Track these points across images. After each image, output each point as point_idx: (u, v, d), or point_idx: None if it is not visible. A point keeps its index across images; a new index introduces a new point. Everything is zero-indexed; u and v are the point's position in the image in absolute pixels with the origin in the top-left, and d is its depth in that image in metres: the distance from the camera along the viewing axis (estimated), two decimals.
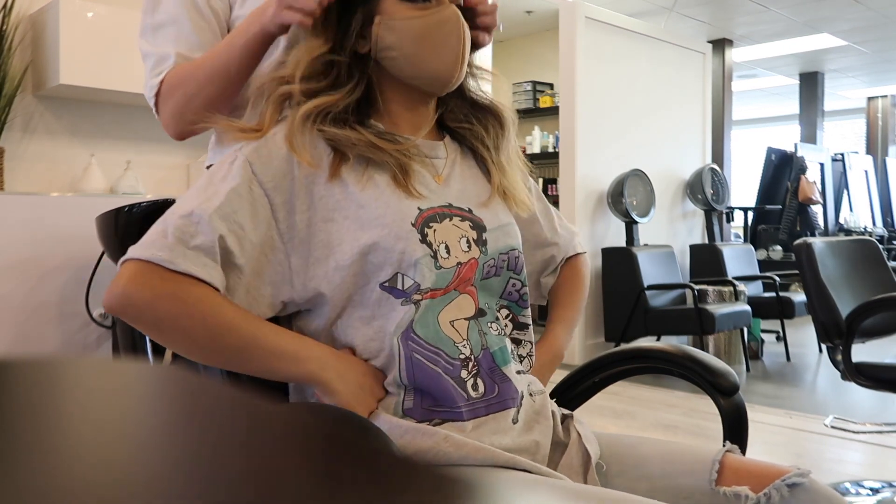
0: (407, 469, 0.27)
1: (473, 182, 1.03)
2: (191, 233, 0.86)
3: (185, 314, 0.85)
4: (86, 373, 0.38)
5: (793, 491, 0.84)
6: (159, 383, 0.37)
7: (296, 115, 0.94)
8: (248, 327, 0.87)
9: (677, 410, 3.42)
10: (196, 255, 0.86)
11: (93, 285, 2.98)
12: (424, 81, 0.99)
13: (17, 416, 0.30)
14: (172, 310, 0.85)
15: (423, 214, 0.93)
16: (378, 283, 0.91)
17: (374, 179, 0.94)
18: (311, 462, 0.28)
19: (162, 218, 0.90)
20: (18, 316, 2.93)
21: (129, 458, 0.26)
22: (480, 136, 1.05)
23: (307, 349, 0.90)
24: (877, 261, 2.43)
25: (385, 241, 0.90)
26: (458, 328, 0.93)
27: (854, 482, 2.44)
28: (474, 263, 0.95)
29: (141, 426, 0.30)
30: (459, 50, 0.98)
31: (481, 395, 0.91)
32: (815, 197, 6.89)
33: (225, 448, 0.29)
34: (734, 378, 1.07)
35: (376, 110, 1.01)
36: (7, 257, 2.89)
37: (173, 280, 0.85)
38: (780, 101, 9.65)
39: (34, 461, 0.24)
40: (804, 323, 4.72)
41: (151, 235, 0.88)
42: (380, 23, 0.97)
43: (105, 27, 3.17)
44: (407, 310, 0.90)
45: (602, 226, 4.76)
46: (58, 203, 3.05)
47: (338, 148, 0.94)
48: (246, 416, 0.32)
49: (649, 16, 5.82)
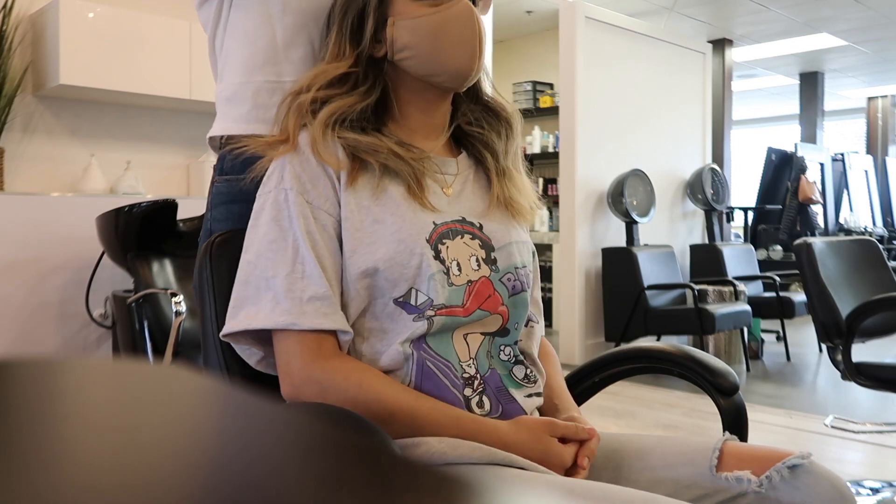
0: (407, 469, 0.27)
1: (482, 197, 1.03)
2: (300, 287, 0.89)
3: (352, 405, 0.86)
4: (86, 373, 0.38)
5: (794, 473, 0.84)
6: (159, 384, 0.37)
7: (315, 123, 0.95)
8: (403, 414, 0.87)
9: (677, 410, 3.42)
10: (314, 307, 0.88)
11: (93, 285, 2.98)
12: (444, 78, 0.99)
13: (17, 416, 0.30)
14: (340, 399, 0.87)
15: (438, 230, 0.94)
16: (392, 298, 0.91)
17: (388, 191, 0.94)
18: (312, 462, 0.28)
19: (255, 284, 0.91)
20: (18, 316, 2.93)
21: (129, 459, 0.26)
22: (491, 143, 1.06)
23: (478, 433, 0.87)
24: (877, 261, 2.43)
25: (400, 256, 0.90)
26: (470, 343, 0.93)
27: (854, 482, 2.43)
28: (485, 281, 0.95)
29: (141, 427, 0.30)
30: (476, 43, 0.98)
31: (486, 412, 0.91)
32: (815, 197, 6.89)
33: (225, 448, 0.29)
34: (734, 378, 1.07)
35: (392, 117, 1.01)
36: (7, 257, 2.89)
37: (330, 367, 0.88)
38: (780, 101, 9.64)
39: (34, 461, 0.24)
40: (804, 323, 4.72)
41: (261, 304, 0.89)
42: (393, 24, 0.97)
43: (105, 27, 3.17)
44: (419, 325, 0.90)
45: (602, 226, 4.76)
46: (58, 203, 3.05)
47: (357, 155, 0.95)
48: (246, 417, 0.32)
49: (649, 16, 5.82)
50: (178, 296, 2.47)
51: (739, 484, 0.86)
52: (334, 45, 1.00)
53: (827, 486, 0.83)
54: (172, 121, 3.66)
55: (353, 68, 0.98)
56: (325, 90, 0.97)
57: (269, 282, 0.90)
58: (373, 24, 0.98)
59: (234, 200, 1.12)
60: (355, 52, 0.99)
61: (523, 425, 0.89)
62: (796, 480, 0.84)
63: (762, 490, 0.84)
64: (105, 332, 3.09)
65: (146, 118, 3.60)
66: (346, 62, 0.98)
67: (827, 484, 0.83)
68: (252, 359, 0.96)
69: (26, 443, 0.26)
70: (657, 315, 4.29)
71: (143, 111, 3.57)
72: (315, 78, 0.98)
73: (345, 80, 0.98)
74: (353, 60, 0.98)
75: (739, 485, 0.86)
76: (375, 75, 0.99)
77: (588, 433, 0.91)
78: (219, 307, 0.99)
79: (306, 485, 0.25)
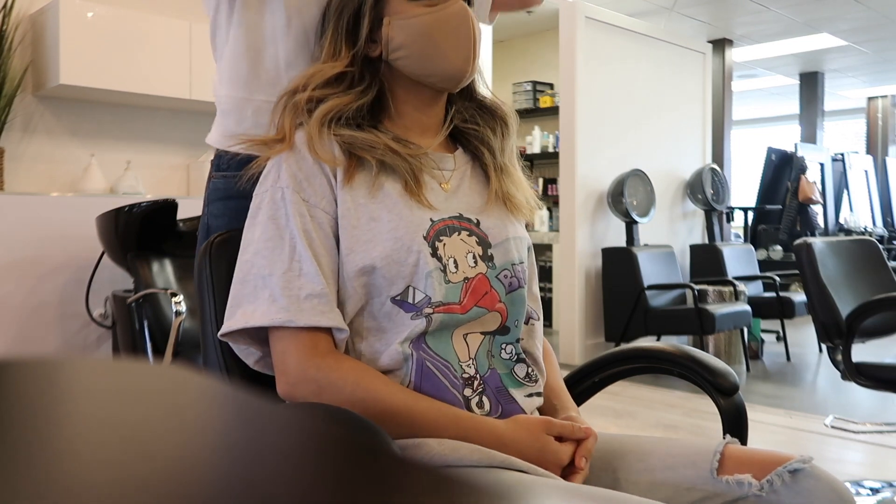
0: (407, 469, 0.27)
1: (480, 193, 1.03)
2: (297, 285, 0.88)
3: (349, 404, 0.86)
4: (86, 373, 0.38)
5: (795, 477, 0.84)
6: (159, 383, 0.37)
7: (311, 121, 0.95)
8: (402, 414, 0.87)
9: (677, 410, 3.42)
10: (311, 304, 0.88)
11: (93, 285, 2.98)
12: (438, 78, 0.99)
13: (17, 416, 0.30)
14: (336, 398, 0.87)
15: (435, 227, 0.94)
16: (389, 296, 0.91)
17: (384, 188, 0.94)
18: (312, 462, 0.28)
19: (253, 283, 0.90)
20: (18, 316, 2.93)
21: (129, 459, 0.26)
22: (487, 139, 1.06)
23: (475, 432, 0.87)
24: (877, 261, 2.43)
25: (397, 253, 0.90)
26: (470, 343, 0.93)
27: (854, 482, 2.44)
28: (482, 278, 0.95)
29: (141, 427, 0.30)
30: (471, 44, 0.98)
31: (486, 412, 0.91)
32: (815, 197, 6.89)
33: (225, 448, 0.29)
34: (734, 378, 1.07)
35: (388, 115, 1.01)
36: (7, 257, 2.89)
37: (326, 366, 0.87)
38: (780, 101, 9.64)
39: (34, 461, 0.24)
40: (804, 323, 4.72)
41: (258, 302, 0.89)
42: (389, 23, 0.97)
43: (105, 27, 3.17)
44: (417, 323, 0.90)
45: (602, 226, 4.76)
46: (58, 203, 3.05)
47: (353, 152, 0.95)
48: (246, 417, 0.32)
49: (649, 16, 5.82)
50: (178, 296, 2.47)
51: (740, 487, 0.86)
52: (329, 46, 1.00)
53: (828, 490, 0.83)
54: (172, 121, 3.66)
55: (349, 68, 0.98)
56: (320, 90, 0.97)
57: (266, 280, 0.90)
58: (368, 24, 0.98)
59: (230, 196, 1.12)
60: (351, 52, 0.98)
61: (520, 424, 0.89)
62: (797, 485, 0.83)
63: (763, 494, 0.84)
64: (105, 332, 3.09)
65: (146, 118, 3.60)
66: (342, 62, 0.98)
67: (828, 488, 0.83)
68: (250, 359, 0.95)
69: (26, 442, 0.26)
70: (657, 315, 4.29)
71: (143, 111, 3.57)
72: (311, 78, 0.98)
73: (341, 79, 0.98)
74: (348, 60, 0.98)
75: (740, 488, 0.86)
76: (371, 75, 0.99)
77: (585, 432, 0.91)
78: (218, 307, 0.99)
79: (306, 485, 0.25)
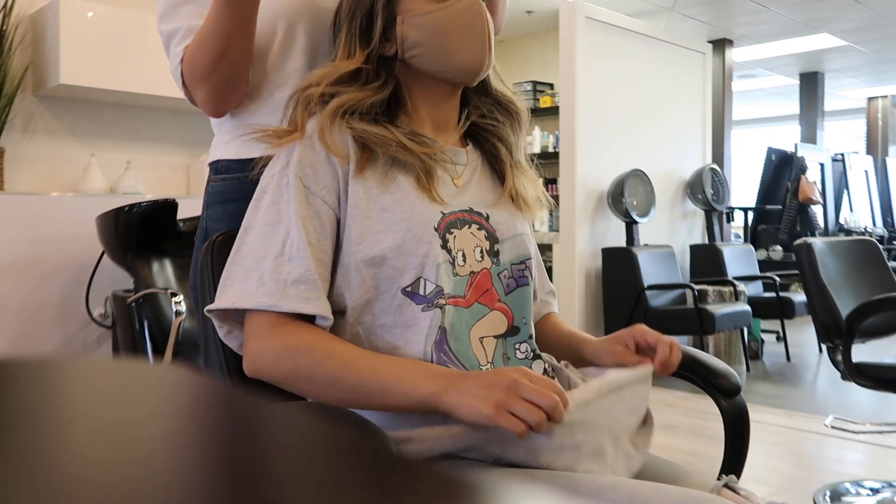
0: (407, 469, 0.27)
1: (491, 188, 1.04)
2: (286, 270, 0.88)
3: (305, 364, 0.86)
4: (86, 373, 0.38)
5: None
6: (159, 383, 0.37)
7: (324, 111, 0.95)
8: (362, 363, 0.86)
9: (677, 410, 3.42)
10: (297, 290, 0.88)
11: (93, 285, 2.98)
12: (455, 74, 0.99)
13: (17, 416, 0.30)
14: (293, 364, 0.87)
15: (446, 219, 0.94)
16: (400, 288, 0.91)
17: (397, 180, 0.94)
18: (311, 462, 0.28)
19: (247, 265, 0.91)
20: (18, 316, 2.93)
21: (129, 459, 0.26)
22: (505, 135, 1.06)
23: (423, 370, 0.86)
24: (877, 261, 2.43)
25: (408, 244, 0.90)
26: (486, 346, 0.93)
27: (854, 482, 2.44)
28: (486, 273, 0.95)
29: (141, 426, 0.30)
30: (486, 37, 0.98)
31: None
32: (815, 197, 6.89)
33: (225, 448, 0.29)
34: (736, 379, 1.07)
35: (405, 111, 1.01)
36: (7, 257, 2.89)
37: (284, 332, 0.87)
38: (780, 101, 9.64)
39: (34, 461, 0.24)
40: (804, 323, 4.71)
41: (247, 284, 0.89)
42: (403, 21, 0.98)
43: (105, 27, 3.17)
44: (432, 315, 0.90)
45: (602, 226, 4.76)
46: (58, 203, 3.05)
47: (366, 145, 0.95)
48: (246, 416, 0.32)
49: (649, 16, 5.82)
50: (178, 296, 2.47)
51: None
52: (344, 47, 1.00)
53: None
54: (172, 121, 3.66)
55: (364, 66, 0.98)
56: (334, 86, 0.97)
57: (259, 262, 0.90)
58: (382, 23, 0.98)
59: (229, 199, 1.12)
60: (365, 51, 0.98)
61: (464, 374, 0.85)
62: None
63: None
64: (105, 332, 3.09)
65: (146, 118, 3.59)
66: (357, 61, 0.98)
67: None
68: (234, 342, 0.96)
69: (26, 442, 0.26)
70: (657, 315, 4.29)
71: (143, 111, 3.57)
72: (325, 76, 0.98)
73: (356, 77, 0.98)
74: (363, 59, 0.98)
75: None
76: (387, 73, 0.99)
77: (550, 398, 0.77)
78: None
79: (305, 484, 0.25)
